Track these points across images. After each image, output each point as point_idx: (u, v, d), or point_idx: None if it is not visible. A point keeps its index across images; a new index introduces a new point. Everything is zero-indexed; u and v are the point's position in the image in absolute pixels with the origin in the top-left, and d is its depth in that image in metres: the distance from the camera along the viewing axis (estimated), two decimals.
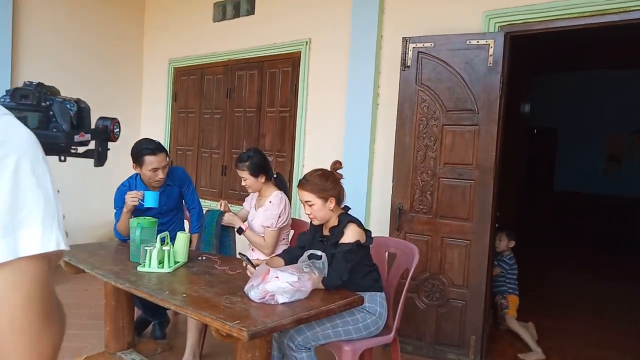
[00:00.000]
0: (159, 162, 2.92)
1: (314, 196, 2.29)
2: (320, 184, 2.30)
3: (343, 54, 3.85)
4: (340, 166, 2.45)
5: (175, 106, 5.36)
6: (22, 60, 4.77)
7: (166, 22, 5.50)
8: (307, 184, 2.32)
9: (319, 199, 2.29)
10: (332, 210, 2.31)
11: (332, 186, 2.31)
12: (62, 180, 4.99)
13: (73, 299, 3.99)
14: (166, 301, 1.99)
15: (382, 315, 2.36)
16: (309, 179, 2.34)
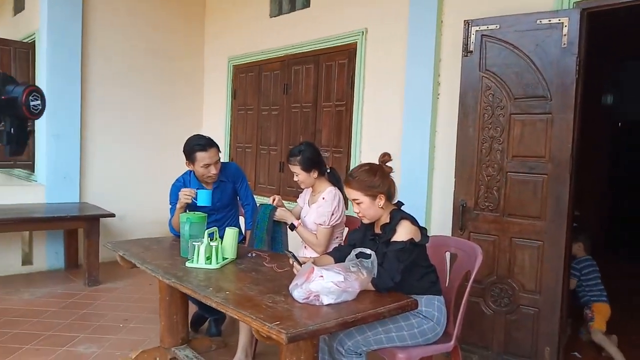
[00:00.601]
0: (210, 158, 2.89)
1: (361, 194, 2.13)
2: (368, 180, 2.13)
3: (401, 43, 3.65)
4: (389, 159, 2.25)
5: (235, 103, 5.39)
6: (91, 60, 5.00)
7: (225, 20, 5.55)
8: (354, 180, 2.16)
9: (366, 197, 2.13)
10: (382, 207, 2.14)
11: (381, 182, 2.13)
12: (125, 174, 5.21)
13: (137, 293, 4.11)
14: (208, 298, 1.92)
15: (441, 321, 2.16)
16: (355, 175, 2.18)
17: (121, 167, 5.25)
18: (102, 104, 5.10)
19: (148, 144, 5.43)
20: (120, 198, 5.09)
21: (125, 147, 5.29)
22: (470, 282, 2.26)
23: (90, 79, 5.00)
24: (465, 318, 2.97)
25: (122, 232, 5.04)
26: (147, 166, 5.37)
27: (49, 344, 3.04)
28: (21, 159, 5.18)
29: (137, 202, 5.20)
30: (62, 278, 4.48)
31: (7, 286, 4.13)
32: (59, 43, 4.72)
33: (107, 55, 5.11)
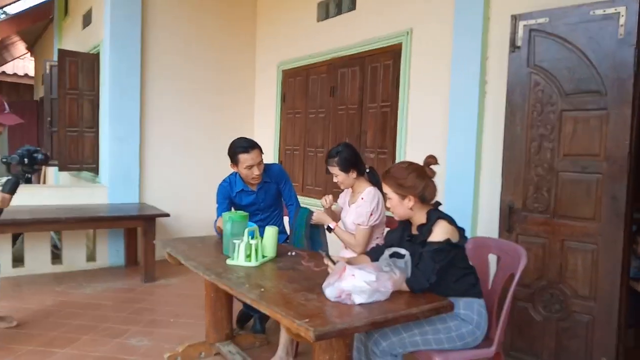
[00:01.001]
0: (253, 160, 2.95)
1: (391, 190, 2.11)
2: (401, 178, 2.10)
3: (446, 41, 3.57)
4: (433, 161, 2.18)
5: (284, 107, 5.49)
6: (150, 69, 5.26)
7: (275, 27, 5.66)
8: (388, 175, 2.14)
9: (395, 195, 2.10)
10: (410, 209, 2.10)
11: (414, 183, 2.08)
12: (180, 176, 5.42)
13: (189, 290, 4.27)
14: (244, 294, 1.97)
15: (481, 325, 2.09)
16: (392, 170, 2.16)
17: (177, 169, 5.49)
18: (159, 111, 5.36)
19: (202, 148, 5.63)
20: (176, 199, 5.32)
21: (180, 150, 5.52)
22: (514, 285, 2.17)
23: (148, 87, 5.27)
24: (513, 324, 2.89)
25: (177, 231, 5.25)
26: (201, 169, 5.57)
27: (105, 335, 3.23)
28: (87, 161, 5.54)
29: (191, 203, 5.41)
30: (122, 274, 4.74)
31: (73, 280, 4.42)
32: (121, 54, 5.01)
33: (164, 65, 5.36)
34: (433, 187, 2.13)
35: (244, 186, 3.10)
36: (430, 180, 2.13)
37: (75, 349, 3.01)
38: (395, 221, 2.93)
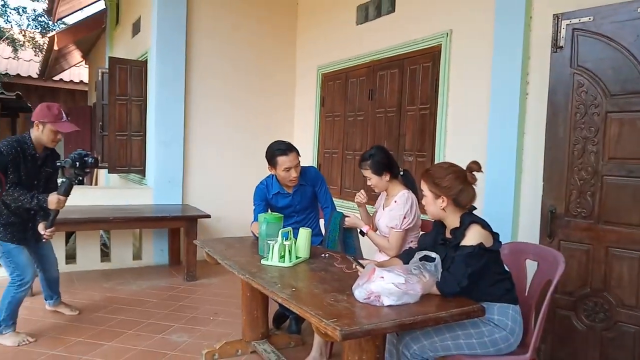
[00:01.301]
0: (291, 162, 3.00)
1: (427, 187, 2.11)
2: (438, 178, 2.09)
3: (486, 41, 3.51)
4: (476, 168, 2.14)
5: (323, 111, 5.54)
6: (194, 75, 5.45)
7: (315, 31, 5.73)
8: (427, 173, 2.15)
9: (430, 193, 2.10)
10: (443, 209, 2.09)
11: (450, 185, 2.07)
12: (222, 179, 5.56)
13: (229, 289, 4.37)
14: (275, 293, 2.02)
15: (515, 331, 2.04)
16: (431, 169, 2.17)
17: (219, 172, 5.64)
18: (203, 115, 5.53)
19: (243, 151, 5.76)
20: (217, 201, 5.47)
21: (222, 154, 5.67)
22: (551, 291, 2.11)
23: (192, 93, 5.45)
24: (554, 332, 2.79)
25: (218, 232, 5.39)
26: (241, 172, 5.69)
27: (148, 330, 3.36)
28: (134, 164, 5.78)
29: (232, 204, 5.53)
30: (165, 273, 4.92)
31: (120, 278, 4.62)
32: (166, 60, 5.22)
33: (207, 70, 5.53)
34: (470, 193, 2.10)
35: (280, 189, 3.15)
36: (469, 186, 2.10)
37: (120, 342, 3.16)
38: (429, 225, 2.91)
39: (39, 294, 3.74)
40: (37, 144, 3.05)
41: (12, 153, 2.92)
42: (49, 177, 3.18)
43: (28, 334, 3.14)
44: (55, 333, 3.25)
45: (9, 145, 2.93)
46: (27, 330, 3.23)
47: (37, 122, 3.02)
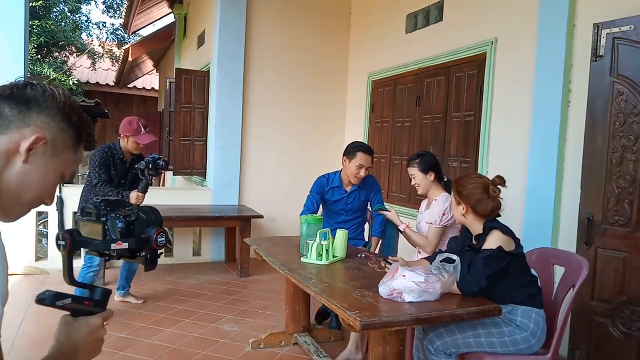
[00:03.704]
0: (366, 162, 3.29)
1: (454, 193, 2.27)
2: (461, 186, 2.26)
3: (530, 49, 3.54)
4: (500, 182, 2.26)
5: (372, 117, 5.70)
6: (251, 85, 5.79)
7: (366, 40, 5.91)
8: (455, 180, 2.33)
9: (453, 199, 2.27)
10: (463, 216, 2.22)
11: (470, 194, 2.21)
12: (275, 181, 5.86)
13: (278, 286, 4.63)
14: (308, 287, 2.23)
15: (537, 334, 2.13)
16: (459, 177, 2.33)
17: (272, 175, 5.95)
18: (259, 122, 5.86)
19: (296, 155, 6.04)
20: (271, 202, 5.77)
21: (276, 157, 5.98)
22: (573, 296, 2.17)
23: (249, 102, 5.80)
24: (589, 339, 2.82)
25: (271, 231, 5.69)
26: (293, 174, 5.97)
27: (202, 320, 3.69)
28: (197, 167, 6.23)
29: (285, 206, 5.81)
30: (221, 269, 5.28)
31: (181, 272, 5.03)
32: (227, 71, 5.60)
33: (264, 81, 5.87)
34: (490, 204, 2.21)
35: (340, 184, 3.40)
36: (490, 198, 2.21)
37: (178, 329, 3.50)
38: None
39: (110, 283, 4.19)
40: (125, 151, 3.70)
41: (104, 157, 3.59)
42: (134, 177, 3.71)
43: None
44: (123, 318, 3.64)
45: (101, 151, 3.62)
46: None
47: (122, 135, 3.67)
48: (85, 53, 11.05)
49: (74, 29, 10.45)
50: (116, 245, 0.95)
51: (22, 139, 0.83)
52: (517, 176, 3.60)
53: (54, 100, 0.86)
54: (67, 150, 0.89)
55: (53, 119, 0.86)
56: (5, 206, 0.84)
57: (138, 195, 3.40)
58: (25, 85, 0.86)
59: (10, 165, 0.83)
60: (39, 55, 8.98)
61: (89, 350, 0.92)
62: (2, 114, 0.83)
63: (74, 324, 0.91)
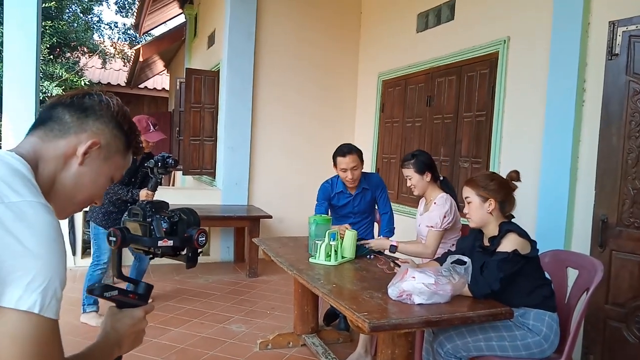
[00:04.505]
0: (347, 164, 3.19)
1: (473, 192, 2.20)
2: (483, 182, 2.20)
3: (543, 49, 3.49)
4: (516, 177, 2.27)
5: (382, 117, 5.66)
6: (261, 84, 5.78)
7: (377, 39, 5.87)
8: (470, 180, 2.26)
9: (477, 197, 2.19)
10: (490, 213, 2.17)
11: (496, 188, 2.18)
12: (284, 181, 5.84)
13: (287, 286, 4.62)
14: (316, 288, 2.20)
15: (549, 338, 2.08)
16: (475, 177, 2.28)
17: (282, 175, 5.93)
18: (268, 122, 5.85)
19: (305, 155, 6.02)
20: (280, 203, 5.76)
21: (285, 158, 5.96)
22: (587, 299, 2.12)
23: (259, 102, 5.79)
24: (604, 343, 2.76)
25: (280, 232, 5.67)
26: (303, 175, 5.95)
27: (210, 320, 3.68)
28: (206, 167, 6.23)
29: (294, 206, 5.80)
30: (230, 269, 5.27)
31: (189, 271, 5.02)
32: (236, 72, 5.60)
33: (274, 81, 5.85)
34: (513, 200, 2.20)
35: (344, 188, 3.35)
36: (511, 194, 2.19)
37: (186, 329, 3.49)
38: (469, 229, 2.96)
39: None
40: None
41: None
42: (144, 176, 3.70)
43: None
44: None
45: None
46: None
47: None
48: (97, 53, 11.13)
49: (85, 29, 10.51)
50: (163, 243, 1.03)
51: (79, 143, 0.92)
52: (530, 177, 3.54)
53: (109, 110, 0.96)
54: (118, 155, 0.98)
55: (107, 126, 0.95)
56: (60, 205, 0.91)
57: (148, 194, 3.41)
58: (84, 95, 0.96)
59: (67, 167, 0.92)
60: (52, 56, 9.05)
61: (132, 341, 1.01)
62: (62, 121, 0.92)
63: (118, 315, 1.00)
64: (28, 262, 0.72)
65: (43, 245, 0.74)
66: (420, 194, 2.98)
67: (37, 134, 0.92)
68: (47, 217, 0.77)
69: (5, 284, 0.70)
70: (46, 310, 0.72)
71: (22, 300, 0.71)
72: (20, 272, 0.71)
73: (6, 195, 0.75)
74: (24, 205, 0.76)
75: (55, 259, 0.75)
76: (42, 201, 0.79)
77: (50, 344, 0.75)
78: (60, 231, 0.79)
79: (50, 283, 0.73)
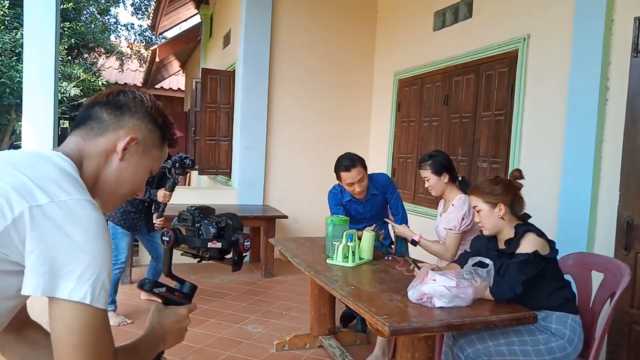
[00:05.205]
0: (352, 178, 3.05)
1: (480, 200, 2.15)
2: (488, 187, 2.15)
3: (565, 46, 3.41)
4: (519, 175, 2.24)
5: (399, 116, 5.61)
6: (276, 84, 5.77)
7: (393, 38, 5.82)
8: (475, 188, 2.20)
9: (485, 204, 2.14)
10: (502, 218, 2.12)
11: (502, 192, 2.12)
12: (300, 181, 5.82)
13: (303, 287, 4.60)
14: (335, 290, 2.18)
15: (573, 342, 2.03)
16: (479, 184, 2.22)
17: (297, 175, 5.92)
18: (284, 123, 5.84)
19: (321, 155, 5.98)
20: (295, 203, 5.74)
21: (301, 157, 5.94)
22: (613, 304, 2.06)
23: (274, 101, 5.79)
24: (629, 348, 2.70)
25: (295, 232, 5.66)
26: (318, 176, 5.90)
27: (227, 320, 3.68)
28: (222, 167, 6.25)
29: (309, 206, 5.77)
30: (246, 269, 5.27)
31: (205, 271, 5.04)
32: (252, 71, 5.60)
33: (289, 81, 5.83)
34: (521, 199, 2.15)
35: (352, 196, 3.26)
36: (519, 193, 2.14)
37: (202, 329, 3.49)
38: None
39: (136, 282, 4.21)
40: None
41: None
42: (162, 176, 3.67)
43: (126, 316, 3.58)
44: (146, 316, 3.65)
45: None
46: (126, 313, 3.67)
47: None
48: (114, 54, 11.25)
49: (103, 30, 10.66)
50: (212, 244, 1.08)
51: (118, 140, 0.97)
52: (551, 178, 3.48)
53: (143, 105, 1.00)
54: (155, 148, 1.03)
55: (142, 121, 1.00)
56: (105, 199, 0.97)
57: (165, 194, 3.42)
58: (119, 92, 1.00)
59: (109, 163, 0.97)
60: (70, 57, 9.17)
61: (175, 337, 1.06)
62: (101, 119, 0.97)
63: (164, 312, 1.05)
64: (78, 257, 0.78)
65: (91, 240, 0.80)
66: (438, 195, 2.93)
67: (79, 133, 0.97)
68: (93, 214, 0.83)
69: (58, 277, 0.77)
70: (96, 301, 0.78)
71: (75, 292, 0.77)
72: (71, 266, 0.77)
73: (56, 194, 0.80)
74: (73, 203, 0.81)
75: (102, 253, 0.81)
76: (88, 198, 0.85)
77: (101, 331, 0.81)
78: (105, 226, 0.84)
79: (99, 275, 0.79)
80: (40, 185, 0.81)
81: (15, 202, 0.78)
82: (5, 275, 0.80)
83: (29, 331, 1.04)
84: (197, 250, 1.11)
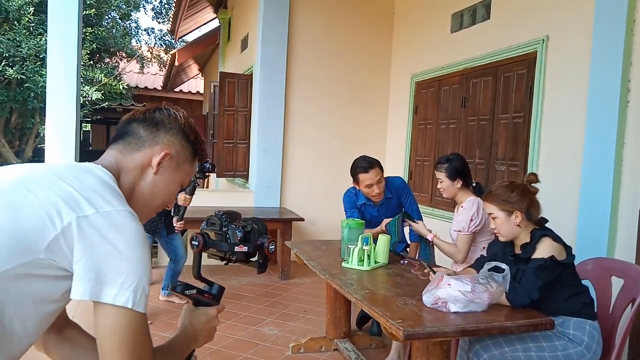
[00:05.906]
0: (371, 179, 3.08)
1: (496, 208, 2.12)
2: (504, 194, 2.12)
3: (585, 47, 3.36)
4: (534, 179, 2.20)
5: (416, 119, 5.58)
6: (293, 87, 5.80)
7: (410, 40, 5.80)
8: (489, 194, 2.18)
9: (501, 212, 2.12)
10: (518, 225, 2.10)
11: (518, 199, 2.09)
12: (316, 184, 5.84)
13: (319, 289, 4.60)
14: (349, 294, 2.18)
15: (592, 348, 1.99)
16: (493, 189, 2.19)
17: (314, 178, 5.93)
18: (301, 126, 5.86)
19: (337, 158, 5.98)
20: (312, 205, 5.76)
21: (318, 161, 5.96)
22: (633, 310, 2.02)
23: (291, 105, 5.82)
24: None
25: (312, 234, 5.68)
26: (335, 178, 5.89)
27: (243, 322, 3.71)
28: (240, 170, 6.30)
29: (326, 209, 5.77)
30: None
31: (222, 273, 5.07)
32: (269, 75, 5.64)
33: (306, 84, 5.86)
34: (538, 204, 2.12)
35: (367, 200, 3.26)
36: (535, 198, 2.11)
37: (219, 330, 3.45)
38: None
39: (156, 283, 4.28)
40: None
41: None
42: None
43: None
44: (167, 318, 3.71)
45: None
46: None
47: None
48: (135, 58, 11.44)
49: (124, 35, 10.83)
50: (239, 249, 1.14)
51: (153, 155, 1.03)
52: (570, 181, 3.43)
53: (177, 122, 1.07)
54: (186, 163, 1.09)
55: (176, 137, 1.06)
56: (139, 210, 0.99)
57: (186, 197, 3.45)
58: (155, 110, 1.07)
59: (144, 177, 1.03)
60: (92, 61, 9.36)
61: (206, 336, 1.13)
62: (138, 135, 1.03)
63: (195, 312, 1.13)
64: (121, 264, 0.84)
65: (132, 248, 0.85)
66: (448, 198, 2.94)
67: (117, 147, 1.03)
68: (134, 224, 0.88)
69: (103, 283, 0.82)
70: (138, 305, 0.84)
71: (118, 297, 0.82)
72: (114, 272, 0.83)
73: (100, 205, 0.86)
74: (115, 214, 0.87)
75: (143, 260, 0.87)
76: (128, 209, 0.90)
77: (142, 334, 0.86)
78: (144, 235, 0.90)
79: (140, 282, 0.85)
80: (86, 197, 0.86)
81: (64, 212, 0.83)
82: (53, 280, 0.85)
83: (69, 331, 1.11)
84: (225, 254, 1.16)
